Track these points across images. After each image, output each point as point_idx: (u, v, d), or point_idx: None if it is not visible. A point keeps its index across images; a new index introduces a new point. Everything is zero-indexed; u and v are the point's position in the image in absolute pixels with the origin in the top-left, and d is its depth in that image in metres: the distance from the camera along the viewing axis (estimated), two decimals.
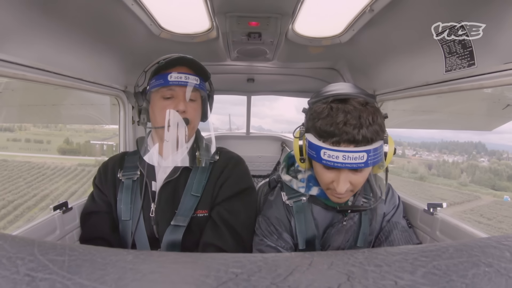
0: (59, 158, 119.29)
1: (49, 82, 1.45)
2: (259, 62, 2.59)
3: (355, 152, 1.04)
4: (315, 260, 0.38)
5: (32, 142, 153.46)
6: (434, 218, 1.55)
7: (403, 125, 3.46)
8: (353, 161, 1.05)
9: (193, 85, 1.39)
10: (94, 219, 1.51)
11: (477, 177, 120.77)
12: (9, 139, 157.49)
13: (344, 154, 1.05)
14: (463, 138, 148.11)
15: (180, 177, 1.45)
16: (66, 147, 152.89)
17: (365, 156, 1.05)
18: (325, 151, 1.08)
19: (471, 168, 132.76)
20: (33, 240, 0.40)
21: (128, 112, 2.32)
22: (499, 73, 1.21)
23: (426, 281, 0.33)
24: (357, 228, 1.40)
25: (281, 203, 1.41)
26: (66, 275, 0.32)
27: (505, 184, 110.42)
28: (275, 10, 1.53)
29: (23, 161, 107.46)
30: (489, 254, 0.38)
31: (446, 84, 1.51)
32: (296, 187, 1.38)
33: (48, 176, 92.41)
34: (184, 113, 1.38)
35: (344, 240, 1.40)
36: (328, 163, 1.09)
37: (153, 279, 0.33)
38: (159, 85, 1.38)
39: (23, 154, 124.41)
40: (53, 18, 1.33)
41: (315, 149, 1.11)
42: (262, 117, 69.27)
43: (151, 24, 1.67)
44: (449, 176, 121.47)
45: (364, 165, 1.06)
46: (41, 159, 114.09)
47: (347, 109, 1.08)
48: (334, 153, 1.06)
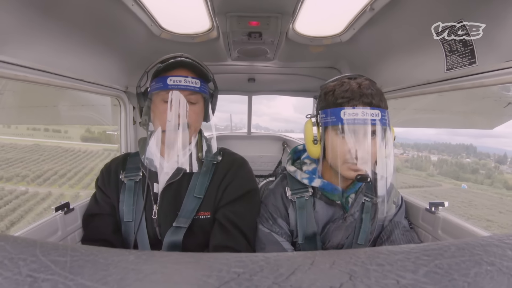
0: (85, 144, 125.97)
1: (50, 83, 1.45)
2: (260, 62, 2.59)
3: (372, 109, 1.16)
4: (317, 260, 0.38)
5: (51, 132, 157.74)
6: (436, 217, 1.54)
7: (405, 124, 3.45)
8: (371, 117, 1.16)
9: (193, 88, 1.37)
10: (97, 221, 1.51)
11: (444, 170, 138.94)
12: (29, 128, 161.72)
13: (362, 111, 1.15)
14: (456, 141, 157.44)
15: (182, 178, 1.44)
16: (88, 135, 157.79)
17: (380, 114, 1.17)
18: (345, 111, 1.17)
19: (440, 163, 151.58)
20: (35, 240, 0.40)
21: (129, 113, 2.32)
22: (500, 71, 1.21)
23: (428, 280, 0.33)
24: (357, 225, 1.41)
25: (279, 192, 1.45)
26: (68, 276, 0.32)
27: (467, 176, 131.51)
28: (276, 10, 1.53)
29: (53, 146, 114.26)
30: (491, 253, 0.38)
31: (447, 83, 1.51)
32: (300, 178, 1.40)
33: (83, 157, 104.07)
34: (184, 117, 1.36)
35: (344, 236, 1.41)
36: (349, 121, 1.17)
37: (155, 279, 0.33)
38: (158, 89, 1.37)
39: (50, 140, 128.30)
40: (53, 19, 1.33)
41: (334, 113, 1.20)
42: (260, 115, 69.93)
43: (151, 24, 1.67)
44: (420, 168, 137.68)
45: (380, 122, 1.16)
46: (68, 145, 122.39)
47: (358, 81, 1.22)
48: (354, 110, 1.16)
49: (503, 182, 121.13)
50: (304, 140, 1.36)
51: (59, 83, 1.52)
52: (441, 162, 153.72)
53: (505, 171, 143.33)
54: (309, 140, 1.32)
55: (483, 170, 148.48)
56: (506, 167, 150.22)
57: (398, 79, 1.96)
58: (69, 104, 2.71)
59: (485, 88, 1.42)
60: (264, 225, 1.41)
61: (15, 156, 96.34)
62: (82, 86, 1.71)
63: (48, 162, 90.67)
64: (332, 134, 1.24)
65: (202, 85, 1.41)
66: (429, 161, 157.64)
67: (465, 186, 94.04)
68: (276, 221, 1.40)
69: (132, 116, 2.35)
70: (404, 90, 1.92)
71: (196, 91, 1.38)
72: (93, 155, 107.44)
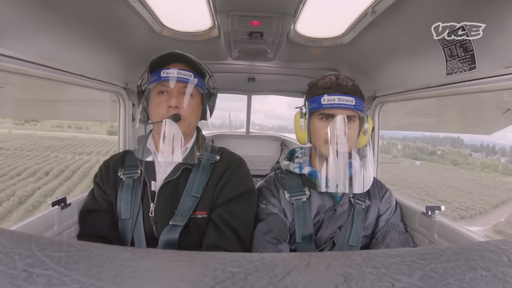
0: (111, 137, 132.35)
1: (50, 78, 1.45)
2: (260, 62, 2.59)
3: (346, 96, 1.39)
4: (312, 261, 0.38)
5: (73, 128, 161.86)
6: (432, 221, 1.55)
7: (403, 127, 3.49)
8: (345, 103, 1.38)
9: (186, 80, 1.37)
10: (93, 217, 1.51)
11: (406, 152, 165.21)
12: (53, 125, 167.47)
13: (339, 98, 1.39)
14: (444, 134, 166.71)
15: (180, 177, 1.44)
16: (112, 129, 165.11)
17: (354, 101, 1.39)
18: (324, 98, 1.40)
19: (403, 148, 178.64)
20: (30, 235, 0.40)
21: (128, 109, 2.31)
22: (500, 77, 1.21)
23: (423, 284, 0.33)
24: (349, 227, 1.50)
25: (271, 179, 1.68)
26: (63, 271, 0.32)
27: (424, 157, 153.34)
28: (277, 10, 1.53)
29: (87, 138, 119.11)
30: (487, 258, 0.38)
31: (447, 87, 1.51)
32: (292, 168, 1.59)
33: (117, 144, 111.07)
34: (177, 109, 1.37)
35: (335, 226, 1.52)
36: (327, 105, 1.39)
37: (150, 276, 0.33)
38: (152, 82, 1.39)
39: (81, 134, 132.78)
40: (54, 13, 1.33)
41: (316, 100, 1.43)
42: (254, 112, 72.85)
43: (153, 21, 1.67)
44: (387, 152, 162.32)
45: (353, 107, 1.39)
46: (100, 137, 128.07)
47: (336, 75, 1.47)
48: (331, 97, 1.39)
49: (452, 160, 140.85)
50: (294, 128, 1.56)
51: (59, 78, 1.51)
52: (404, 146, 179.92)
53: (475, 157, 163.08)
54: (298, 127, 1.53)
55: (439, 152, 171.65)
56: (478, 154, 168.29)
57: (397, 82, 1.96)
58: (67, 100, 2.71)
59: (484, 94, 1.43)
60: (262, 203, 1.57)
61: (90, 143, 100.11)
62: (82, 81, 1.70)
63: (102, 146, 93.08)
64: (315, 119, 1.47)
65: (195, 78, 1.41)
66: (395, 146, 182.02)
67: (418, 163, 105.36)
68: (270, 200, 1.56)
69: (131, 113, 2.34)
70: (403, 93, 1.93)
71: (189, 82, 1.39)
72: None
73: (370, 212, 1.54)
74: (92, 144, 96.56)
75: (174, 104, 1.35)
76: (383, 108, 2.33)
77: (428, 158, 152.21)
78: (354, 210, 1.51)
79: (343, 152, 1.39)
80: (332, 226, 1.50)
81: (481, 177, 79.30)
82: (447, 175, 74.33)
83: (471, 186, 56.34)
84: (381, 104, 2.30)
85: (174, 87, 1.37)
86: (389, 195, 1.62)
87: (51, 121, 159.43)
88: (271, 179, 1.67)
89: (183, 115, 1.38)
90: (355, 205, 1.52)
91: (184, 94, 1.40)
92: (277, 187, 1.60)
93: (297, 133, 1.55)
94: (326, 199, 1.52)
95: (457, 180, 64.79)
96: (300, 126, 1.52)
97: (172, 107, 1.35)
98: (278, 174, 1.68)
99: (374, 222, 1.56)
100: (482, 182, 65.47)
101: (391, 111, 2.65)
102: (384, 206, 1.57)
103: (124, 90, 2.24)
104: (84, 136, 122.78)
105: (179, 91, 1.39)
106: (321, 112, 1.42)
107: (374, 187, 1.61)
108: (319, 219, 1.51)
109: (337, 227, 1.51)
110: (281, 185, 1.60)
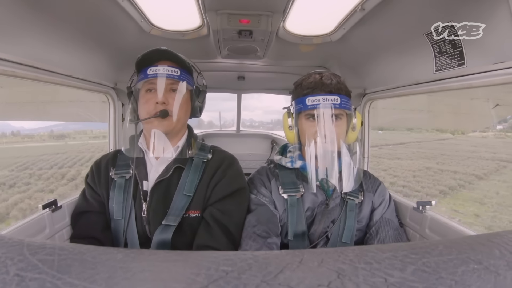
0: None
1: (39, 79, 1.44)
2: (250, 60, 2.58)
3: (331, 95, 1.41)
4: (305, 258, 0.38)
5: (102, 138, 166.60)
6: (424, 216, 1.56)
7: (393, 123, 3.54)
8: (330, 102, 1.40)
9: (173, 76, 1.38)
10: (85, 218, 1.49)
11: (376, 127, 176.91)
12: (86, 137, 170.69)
13: (323, 97, 1.40)
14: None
15: (172, 176, 1.44)
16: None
17: (339, 99, 1.40)
18: (309, 98, 1.42)
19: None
20: (22, 239, 0.40)
21: (118, 110, 2.30)
22: (489, 73, 1.23)
23: (416, 278, 0.33)
24: (342, 223, 1.50)
25: (264, 169, 1.69)
26: (56, 275, 0.32)
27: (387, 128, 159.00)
28: (267, 8, 1.53)
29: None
30: (478, 252, 0.39)
31: (436, 83, 1.53)
32: (284, 163, 1.60)
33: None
34: (164, 105, 1.36)
35: (328, 221, 1.52)
36: (312, 106, 1.41)
37: (143, 277, 0.33)
38: (140, 80, 1.39)
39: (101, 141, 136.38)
40: (42, 14, 1.32)
41: (301, 101, 1.45)
42: (252, 110, 70.50)
43: (141, 20, 1.66)
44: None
45: (339, 106, 1.40)
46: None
47: (321, 74, 1.48)
48: (316, 97, 1.41)
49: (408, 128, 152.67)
50: (283, 127, 1.58)
51: (48, 79, 1.50)
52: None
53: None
54: (286, 127, 1.54)
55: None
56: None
57: (387, 79, 1.97)
58: (56, 101, 2.68)
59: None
60: (252, 193, 1.58)
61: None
62: (71, 82, 1.69)
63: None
64: (302, 119, 1.48)
65: (182, 74, 1.41)
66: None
67: (380, 132, 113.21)
68: (260, 189, 1.57)
69: (121, 113, 2.33)
70: (393, 90, 1.94)
71: (176, 78, 1.39)
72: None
73: (364, 206, 1.55)
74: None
75: (162, 100, 1.35)
76: (373, 104, 2.35)
77: (390, 129, 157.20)
78: (346, 207, 1.51)
79: (331, 151, 1.41)
80: (325, 221, 1.50)
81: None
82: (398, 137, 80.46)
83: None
84: (371, 101, 2.31)
85: (161, 84, 1.36)
86: (383, 188, 1.62)
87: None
88: (264, 169, 1.69)
89: (171, 111, 1.37)
90: (348, 201, 1.52)
91: (172, 91, 1.40)
92: (269, 178, 1.62)
93: (286, 132, 1.57)
94: (319, 194, 1.52)
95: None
96: (289, 126, 1.53)
97: (160, 103, 1.35)
98: (271, 166, 1.69)
99: (368, 215, 1.56)
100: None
101: (381, 107, 2.66)
102: (378, 199, 1.58)
103: (113, 90, 2.22)
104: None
105: (167, 88, 1.38)
106: (307, 112, 1.44)
107: (367, 180, 1.62)
108: (312, 213, 1.51)
109: (330, 221, 1.51)
110: (274, 176, 1.61)
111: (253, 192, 1.58)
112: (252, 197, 1.55)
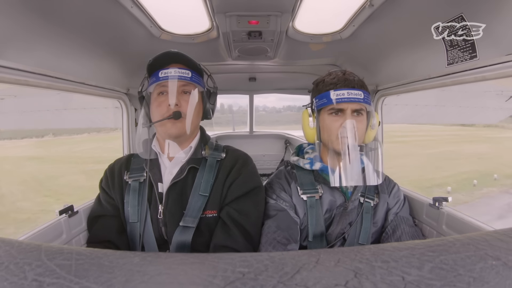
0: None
1: (51, 87, 1.46)
2: (260, 61, 2.58)
3: (355, 90, 1.40)
4: (322, 258, 0.38)
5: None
6: (440, 212, 1.54)
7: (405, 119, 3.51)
8: (355, 96, 1.40)
9: (184, 78, 1.38)
10: (101, 223, 1.51)
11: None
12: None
13: (348, 92, 1.40)
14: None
15: (187, 177, 1.44)
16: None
17: (362, 94, 1.41)
18: (333, 92, 1.41)
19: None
20: (39, 244, 0.40)
21: (131, 115, 2.32)
22: (501, 64, 1.21)
23: (434, 276, 0.32)
24: (358, 225, 1.50)
25: (281, 172, 1.66)
26: (73, 279, 0.32)
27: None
28: (275, 8, 1.53)
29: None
30: (496, 247, 0.38)
31: (449, 77, 1.50)
32: (302, 164, 1.58)
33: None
34: (177, 107, 1.37)
35: (346, 222, 1.51)
36: (338, 100, 1.40)
37: (160, 280, 0.33)
38: (151, 83, 1.40)
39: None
40: (53, 23, 1.34)
41: (325, 96, 1.44)
42: (266, 97, 71.49)
43: (151, 26, 1.67)
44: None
45: (362, 100, 1.40)
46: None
47: (343, 71, 1.49)
48: (341, 91, 1.40)
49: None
50: (302, 126, 1.57)
51: (60, 87, 1.52)
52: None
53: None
54: (306, 124, 1.54)
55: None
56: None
57: (399, 74, 1.95)
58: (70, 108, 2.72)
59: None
60: (272, 198, 1.55)
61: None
62: (83, 89, 1.71)
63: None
64: (325, 115, 1.47)
65: (193, 76, 1.41)
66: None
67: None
68: (280, 194, 1.54)
69: (134, 118, 2.35)
70: (405, 85, 1.92)
71: (187, 80, 1.39)
72: None
73: (379, 207, 1.53)
74: None
75: (174, 102, 1.35)
76: (385, 101, 2.32)
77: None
78: (363, 209, 1.50)
79: (356, 146, 1.40)
80: (343, 222, 1.49)
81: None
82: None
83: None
84: (384, 97, 2.29)
85: (173, 86, 1.37)
86: (397, 189, 1.61)
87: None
88: (282, 173, 1.65)
89: (183, 113, 1.38)
90: (364, 204, 1.51)
91: (184, 93, 1.41)
92: (289, 181, 1.59)
93: (305, 131, 1.56)
94: (337, 196, 1.51)
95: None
96: (309, 124, 1.52)
97: (172, 105, 1.35)
98: (288, 169, 1.66)
99: (383, 216, 1.55)
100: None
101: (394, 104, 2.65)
102: (392, 200, 1.57)
103: (126, 96, 2.24)
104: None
105: (178, 90, 1.38)
106: (331, 107, 1.43)
107: (383, 182, 1.59)
108: (330, 215, 1.50)
109: (347, 223, 1.50)
110: (293, 178, 1.59)
111: (272, 197, 1.55)
112: (272, 202, 1.53)
